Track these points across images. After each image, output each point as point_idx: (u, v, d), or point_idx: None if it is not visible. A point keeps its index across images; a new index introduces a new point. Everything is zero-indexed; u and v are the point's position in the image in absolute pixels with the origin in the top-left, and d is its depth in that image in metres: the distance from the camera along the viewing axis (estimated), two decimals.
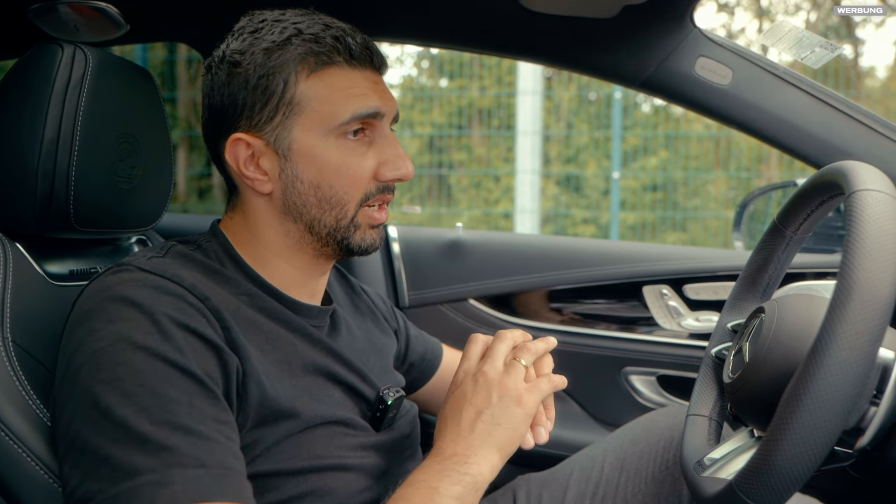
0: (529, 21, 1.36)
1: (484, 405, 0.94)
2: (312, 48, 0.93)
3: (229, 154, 0.96)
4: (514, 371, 0.97)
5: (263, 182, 0.96)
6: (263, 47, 0.93)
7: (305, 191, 0.95)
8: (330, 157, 0.94)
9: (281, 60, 0.93)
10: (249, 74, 0.93)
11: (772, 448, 0.70)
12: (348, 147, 0.95)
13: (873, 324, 0.67)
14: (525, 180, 5.68)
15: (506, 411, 0.94)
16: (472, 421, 0.94)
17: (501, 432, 0.94)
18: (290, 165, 0.95)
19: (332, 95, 0.94)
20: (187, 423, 0.76)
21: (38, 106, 0.98)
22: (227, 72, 0.95)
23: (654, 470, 1.16)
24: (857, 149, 1.34)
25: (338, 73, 0.94)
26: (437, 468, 0.89)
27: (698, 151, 5.88)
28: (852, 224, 0.72)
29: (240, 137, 0.95)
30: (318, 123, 0.94)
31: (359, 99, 0.94)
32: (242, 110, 0.95)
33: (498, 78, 6.25)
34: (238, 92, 0.94)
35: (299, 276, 1.01)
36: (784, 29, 1.33)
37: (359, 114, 0.94)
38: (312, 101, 0.93)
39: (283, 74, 0.93)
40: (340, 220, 0.97)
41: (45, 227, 1.01)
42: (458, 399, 0.97)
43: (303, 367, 0.95)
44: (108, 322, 0.81)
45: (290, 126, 0.94)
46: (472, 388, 0.96)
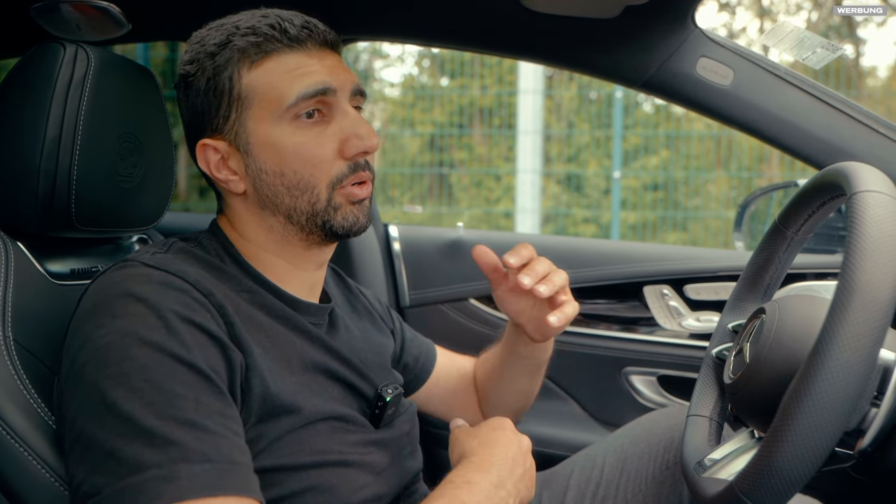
0: (531, 21, 1.36)
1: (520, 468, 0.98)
2: (250, 40, 0.94)
3: (201, 161, 0.98)
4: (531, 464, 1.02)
5: (236, 182, 0.97)
6: (208, 52, 0.95)
7: (272, 181, 0.96)
8: (286, 142, 0.94)
9: (224, 59, 0.94)
10: (200, 81, 0.96)
11: (772, 449, 0.70)
12: (304, 129, 0.95)
13: (874, 325, 0.67)
14: (526, 179, 5.68)
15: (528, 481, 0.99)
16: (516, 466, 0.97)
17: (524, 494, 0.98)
18: (252, 160, 0.96)
19: (276, 80, 0.94)
20: (193, 418, 0.76)
21: (40, 105, 0.98)
22: (183, 85, 0.98)
23: (655, 470, 1.16)
24: (859, 149, 1.34)
25: (279, 58, 0.95)
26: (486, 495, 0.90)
27: (699, 151, 5.88)
28: (854, 225, 0.72)
29: (205, 143, 0.97)
30: (267, 111, 0.94)
31: (303, 78, 0.94)
32: (203, 117, 0.97)
33: (499, 77, 6.25)
34: (195, 101, 0.97)
35: (293, 269, 1.02)
36: (786, 29, 1.33)
37: (305, 93, 0.93)
38: (259, 91, 0.94)
39: (227, 72, 0.94)
40: (315, 203, 0.96)
41: (46, 226, 1.01)
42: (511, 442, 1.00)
43: (302, 364, 0.95)
44: (114, 317, 0.81)
45: (244, 121, 0.95)
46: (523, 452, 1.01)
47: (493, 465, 0.93)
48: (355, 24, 1.44)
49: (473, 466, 0.92)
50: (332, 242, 1.02)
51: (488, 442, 0.97)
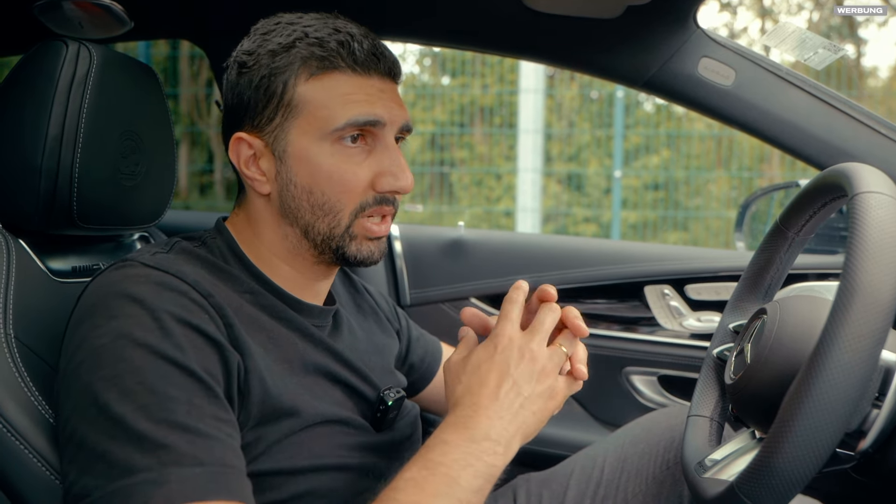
0: (533, 21, 1.36)
1: (525, 384, 0.89)
2: (315, 52, 0.93)
3: (232, 152, 0.97)
4: (556, 359, 0.92)
5: (262, 183, 0.97)
6: (270, 49, 0.94)
7: (298, 195, 0.95)
8: (323, 162, 0.94)
9: (284, 62, 0.93)
10: (254, 75, 0.94)
11: (774, 450, 0.70)
12: (344, 154, 0.94)
13: (876, 326, 0.67)
14: (526, 178, 5.68)
15: (540, 399, 0.90)
16: (511, 401, 0.88)
17: (532, 420, 0.89)
18: (285, 168, 0.95)
19: (331, 100, 0.93)
20: (185, 422, 0.76)
21: (43, 103, 0.98)
22: (236, 71, 0.96)
23: (655, 470, 1.16)
24: (860, 150, 1.34)
25: (340, 79, 0.94)
26: (462, 452, 0.83)
27: (700, 150, 5.87)
28: (855, 226, 0.72)
29: (241, 137, 0.96)
30: (314, 127, 0.93)
31: (357, 105, 0.93)
32: (247, 110, 0.96)
33: (500, 76, 6.24)
34: (244, 91, 0.95)
35: (300, 278, 1.01)
36: (787, 30, 1.33)
37: (355, 120, 0.93)
38: (310, 105, 0.93)
39: (284, 76, 0.93)
40: (334, 227, 0.96)
41: (48, 224, 1.01)
42: (498, 366, 0.89)
43: (303, 366, 0.95)
44: (110, 318, 0.81)
45: (287, 128, 0.94)
46: (517, 361, 0.89)
47: (472, 416, 0.86)
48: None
49: (451, 423, 0.87)
50: (340, 265, 1.02)
51: (471, 386, 0.89)
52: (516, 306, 0.95)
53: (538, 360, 0.90)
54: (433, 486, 0.80)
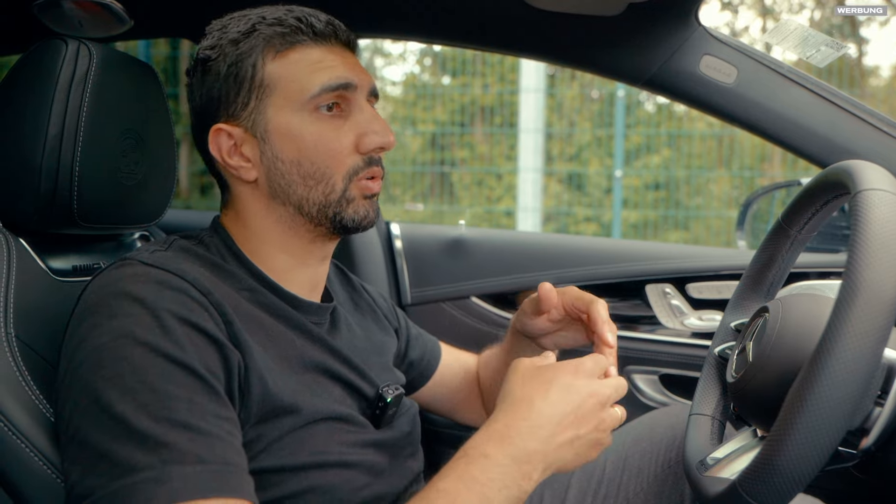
0: (534, 19, 1.36)
1: (584, 427, 0.87)
2: (276, 30, 0.95)
3: (213, 146, 0.98)
4: (616, 416, 0.92)
5: (248, 169, 0.97)
6: (231, 38, 0.96)
7: (288, 170, 0.96)
8: (305, 132, 0.95)
9: (248, 47, 0.95)
10: (220, 66, 0.96)
11: (776, 448, 0.70)
12: (323, 121, 0.96)
13: (879, 324, 0.67)
14: (527, 178, 5.68)
15: (586, 446, 0.89)
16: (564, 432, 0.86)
17: (570, 460, 0.88)
18: (269, 147, 0.96)
19: (300, 71, 0.95)
20: (187, 420, 0.76)
21: (43, 101, 0.98)
22: (201, 70, 0.98)
23: (657, 469, 1.16)
24: (862, 148, 1.34)
25: (304, 51, 0.96)
26: (500, 472, 0.82)
27: (701, 150, 5.87)
28: (858, 224, 0.72)
29: (220, 128, 0.97)
30: (289, 101, 0.95)
31: (326, 71, 0.96)
32: (219, 102, 0.97)
33: (501, 75, 6.25)
34: (213, 85, 0.97)
35: (297, 264, 1.01)
36: (789, 27, 1.33)
37: (328, 85, 0.95)
38: (282, 80, 0.95)
39: (251, 59, 0.95)
40: (329, 194, 0.97)
41: (48, 223, 1.01)
42: (573, 395, 0.88)
43: (302, 363, 0.95)
44: (111, 317, 0.81)
45: (263, 108, 0.96)
46: (589, 399, 0.88)
47: (521, 432, 0.84)
48: (357, 21, 1.44)
49: (496, 434, 0.85)
50: (337, 236, 1.02)
51: (534, 398, 0.87)
52: (612, 353, 1.00)
53: (606, 408, 0.90)
54: (466, 500, 0.80)
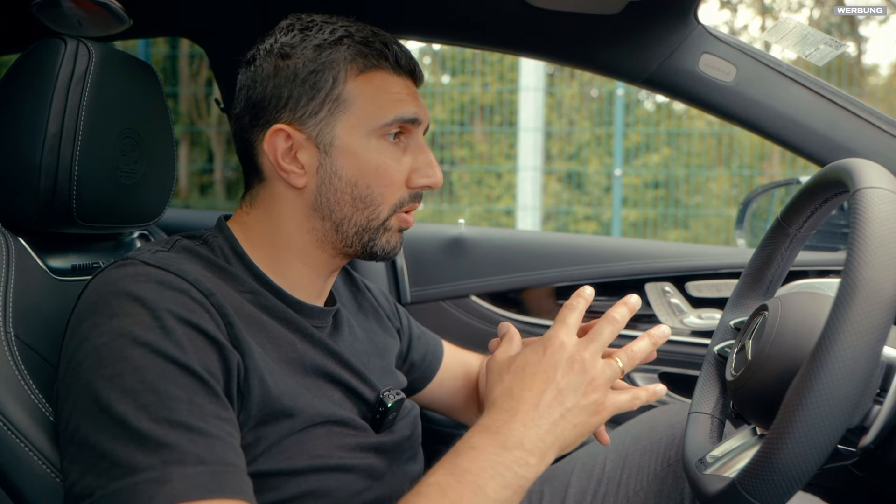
0: (533, 17, 1.36)
1: (570, 398, 0.85)
2: (362, 50, 0.96)
3: (268, 144, 0.97)
4: (608, 372, 0.88)
5: (299, 175, 0.97)
6: (315, 44, 0.96)
7: (342, 188, 0.97)
8: (370, 156, 0.96)
9: (331, 58, 0.96)
10: (299, 68, 0.96)
11: (775, 446, 0.70)
12: (387, 149, 0.98)
13: (878, 322, 0.67)
14: (527, 177, 5.68)
15: (583, 414, 0.86)
16: (552, 410, 0.84)
17: (571, 434, 0.85)
18: (329, 161, 0.96)
19: (379, 97, 0.97)
20: (187, 420, 0.75)
21: (42, 101, 0.98)
22: (274, 64, 0.97)
23: (656, 467, 1.16)
24: (861, 146, 1.34)
25: (384, 77, 0.98)
26: (491, 460, 0.81)
27: (700, 149, 5.87)
28: (857, 222, 0.72)
29: (281, 128, 0.96)
30: (362, 122, 0.96)
31: (403, 103, 0.98)
32: (287, 102, 0.96)
33: (500, 74, 6.24)
34: (284, 84, 0.96)
35: (310, 274, 1.01)
36: (788, 26, 1.33)
37: (401, 117, 0.97)
38: (359, 100, 0.96)
39: (332, 71, 0.96)
40: (372, 220, 0.98)
41: (47, 222, 1.01)
42: (545, 372, 0.86)
43: (303, 367, 0.95)
44: (111, 317, 0.81)
45: (334, 122, 0.96)
46: (566, 370, 0.85)
47: (506, 422, 0.84)
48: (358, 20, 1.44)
49: (484, 426, 0.84)
50: (361, 258, 1.03)
51: (512, 388, 0.87)
52: (575, 312, 0.91)
53: (589, 370, 0.86)
54: (458, 493, 0.79)
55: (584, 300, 0.93)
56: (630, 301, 0.94)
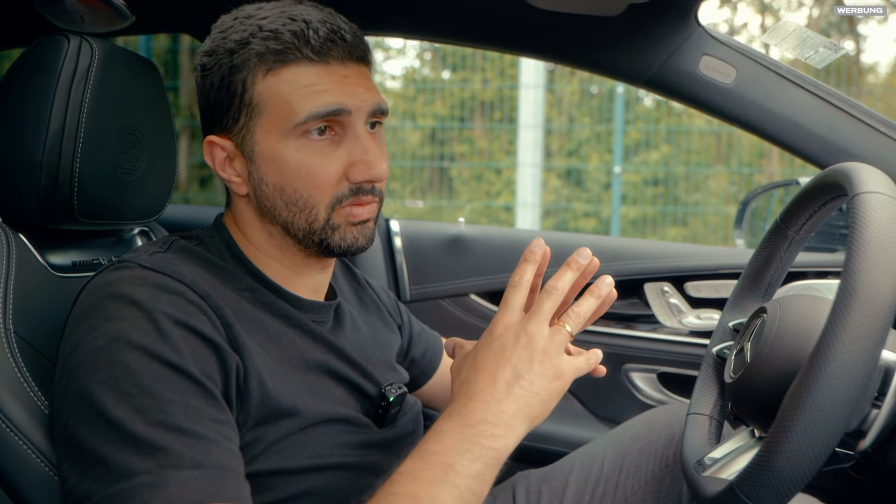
0: (535, 18, 1.36)
1: (524, 369, 0.83)
2: (270, 46, 0.90)
3: (207, 155, 0.96)
4: (558, 338, 0.86)
5: (239, 184, 0.96)
6: (227, 48, 0.92)
7: (272, 194, 0.94)
8: (290, 158, 0.92)
9: (241, 60, 0.91)
10: (215, 76, 0.93)
11: (773, 449, 0.70)
12: (311, 147, 0.92)
13: (876, 326, 0.68)
14: (526, 173, 5.68)
15: (544, 380, 0.84)
16: (508, 382, 0.83)
17: (537, 403, 0.84)
18: (255, 168, 0.94)
19: (291, 94, 0.90)
20: (183, 424, 0.75)
21: (44, 97, 0.98)
22: (200, 73, 0.96)
23: (654, 468, 1.16)
24: (860, 149, 1.34)
25: (297, 70, 0.91)
26: (457, 438, 0.80)
27: (700, 146, 5.87)
28: (855, 226, 0.72)
29: (213, 140, 0.96)
30: (276, 125, 0.91)
31: (318, 96, 0.90)
32: (214, 112, 0.95)
33: (500, 71, 6.24)
34: (209, 93, 0.95)
35: (294, 274, 1.01)
36: (788, 28, 1.33)
37: (316, 113, 0.90)
38: (270, 102, 0.91)
39: (241, 75, 0.91)
40: (312, 222, 0.94)
41: (48, 218, 1.01)
42: (495, 353, 0.85)
43: (304, 364, 0.95)
44: (107, 320, 0.81)
45: (252, 128, 0.93)
46: (513, 345, 0.85)
47: (467, 404, 0.83)
48: (357, 18, 1.44)
49: (447, 414, 0.84)
50: (329, 257, 1.01)
51: (468, 376, 0.86)
52: (518, 292, 0.89)
53: (536, 342, 0.85)
54: (428, 474, 0.77)
55: (529, 266, 0.91)
56: (578, 260, 0.92)
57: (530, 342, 0.85)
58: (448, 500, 0.76)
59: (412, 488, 0.76)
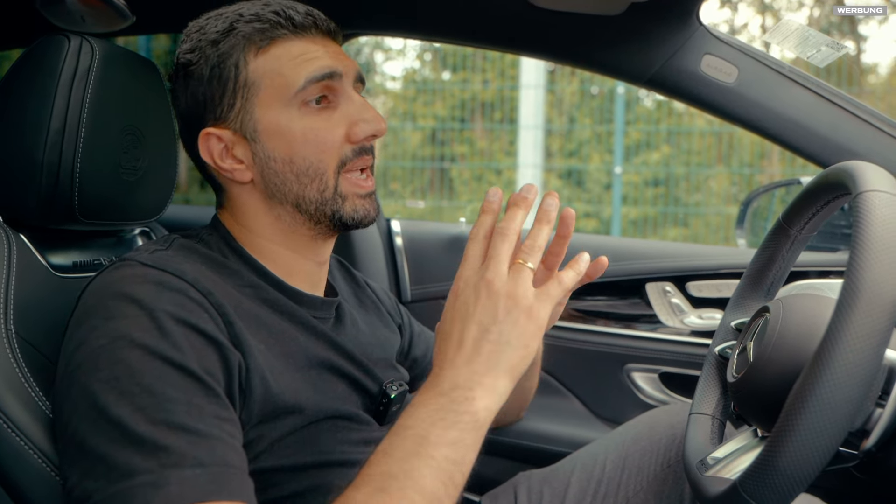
0: (536, 17, 1.36)
1: (490, 321, 0.79)
2: (255, 27, 0.95)
3: (203, 151, 0.97)
4: (520, 277, 0.81)
5: (242, 171, 0.97)
6: (210, 40, 0.96)
7: (281, 168, 0.96)
8: (295, 127, 0.95)
9: (228, 47, 0.95)
10: (203, 70, 0.96)
11: (777, 449, 0.70)
12: (312, 115, 0.95)
13: (880, 325, 0.67)
14: (527, 174, 5.69)
15: (515, 326, 0.79)
16: (476, 340, 0.79)
17: (512, 352, 0.79)
18: (260, 147, 0.96)
19: (283, 66, 0.94)
20: (185, 422, 0.75)
21: (45, 97, 0.98)
22: (183, 75, 0.98)
23: (657, 468, 1.16)
24: (863, 148, 1.34)
25: (285, 45, 0.95)
26: (430, 409, 0.77)
27: (700, 147, 5.88)
28: (859, 225, 0.72)
29: (209, 132, 0.97)
30: (275, 97, 0.95)
31: (310, 63, 0.95)
32: (205, 106, 0.97)
33: (501, 71, 6.25)
34: (197, 89, 0.97)
35: (299, 259, 1.01)
36: (790, 27, 1.33)
37: (313, 76, 0.94)
38: (265, 78, 0.95)
39: (232, 59, 0.95)
40: (324, 191, 0.96)
41: (49, 219, 1.01)
42: (459, 313, 0.81)
43: (306, 360, 0.95)
44: (108, 319, 0.81)
45: (250, 108, 0.95)
46: (475, 300, 0.80)
47: (437, 374, 0.80)
48: (358, 18, 1.44)
49: (422, 388, 0.81)
50: (339, 232, 1.02)
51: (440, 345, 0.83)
52: (475, 243, 0.85)
53: (497, 288, 0.80)
54: (402, 449, 0.75)
55: (488, 217, 0.87)
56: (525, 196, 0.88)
57: (490, 290, 0.80)
58: (426, 472, 0.74)
59: (387, 467, 0.75)
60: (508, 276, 0.81)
